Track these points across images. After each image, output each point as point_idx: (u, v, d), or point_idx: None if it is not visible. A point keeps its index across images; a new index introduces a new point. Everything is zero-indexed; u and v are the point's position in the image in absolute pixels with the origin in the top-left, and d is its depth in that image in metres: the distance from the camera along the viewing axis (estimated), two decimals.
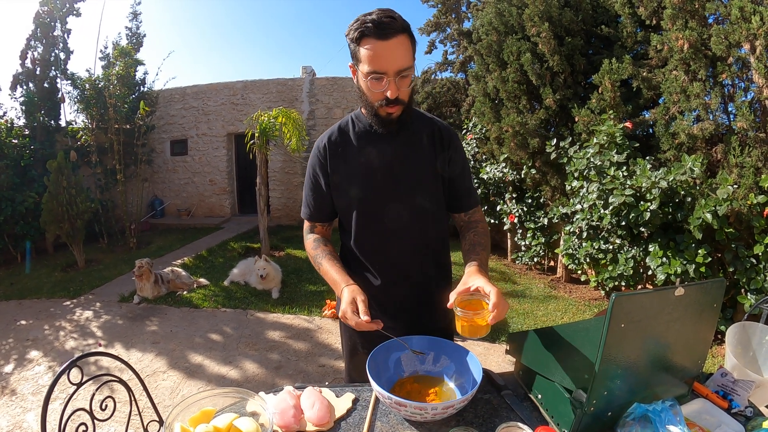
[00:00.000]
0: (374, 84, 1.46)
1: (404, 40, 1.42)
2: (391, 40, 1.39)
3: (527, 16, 6.11)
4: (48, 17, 9.10)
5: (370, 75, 1.44)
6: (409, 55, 1.45)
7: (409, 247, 1.68)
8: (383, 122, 1.57)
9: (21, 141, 8.42)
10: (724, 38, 4.28)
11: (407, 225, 1.65)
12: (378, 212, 1.64)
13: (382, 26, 1.38)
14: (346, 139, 1.67)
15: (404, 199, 1.63)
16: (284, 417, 1.26)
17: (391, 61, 1.41)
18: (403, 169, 1.62)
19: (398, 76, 1.44)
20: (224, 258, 8.08)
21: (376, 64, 1.41)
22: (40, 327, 5.03)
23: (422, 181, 1.64)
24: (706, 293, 1.23)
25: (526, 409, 1.34)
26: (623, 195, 4.51)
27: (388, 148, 1.62)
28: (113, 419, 1.69)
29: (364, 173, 1.63)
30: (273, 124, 7.41)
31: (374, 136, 1.63)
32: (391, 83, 1.44)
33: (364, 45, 1.41)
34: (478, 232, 1.71)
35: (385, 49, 1.39)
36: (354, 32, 1.42)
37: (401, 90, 1.48)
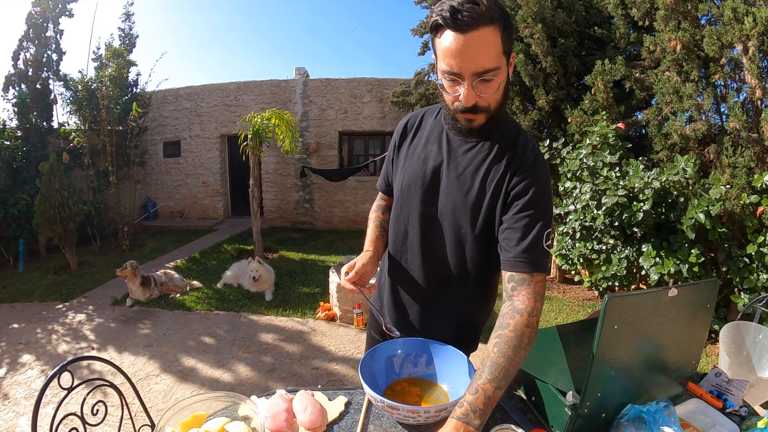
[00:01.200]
0: (449, 86, 1.23)
1: (489, 34, 1.13)
2: (470, 34, 1.12)
3: (520, 17, 6.12)
4: (40, 18, 9.04)
5: (445, 75, 1.21)
6: (495, 53, 1.16)
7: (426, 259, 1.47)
8: (461, 130, 1.33)
9: (13, 143, 8.36)
10: (717, 39, 4.31)
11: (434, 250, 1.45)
12: (413, 211, 1.45)
13: (459, 15, 1.10)
14: (422, 127, 1.49)
15: (440, 216, 1.40)
16: (276, 421, 1.24)
17: (467, 60, 1.14)
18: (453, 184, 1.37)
19: (478, 78, 1.17)
20: (217, 260, 8.05)
21: (451, 61, 1.16)
22: (33, 330, 4.99)
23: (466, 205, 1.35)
24: (700, 294, 1.23)
25: (519, 412, 1.34)
26: (616, 195, 4.52)
27: (450, 155, 1.38)
28: (105, 423, 1.67)
29: (417, 170, 1.42)
30: (266, 125, 7.39)
31: (445, 138, 1.41)
32: (468, 87, 1.18)
33: (440, 36, 1.17)
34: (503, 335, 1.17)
35: (461, 44, 1.13)
36: (432, 20, 1.17)
37: (482, 97, 1.21)
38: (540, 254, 1.24)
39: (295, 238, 10.16)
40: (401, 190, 1.47)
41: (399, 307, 1.59)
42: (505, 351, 1.14)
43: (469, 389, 1.12)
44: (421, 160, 1.42)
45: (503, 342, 1.15)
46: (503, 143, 1.33)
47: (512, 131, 1.36)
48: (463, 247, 1.39)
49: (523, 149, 1.32)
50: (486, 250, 1.38)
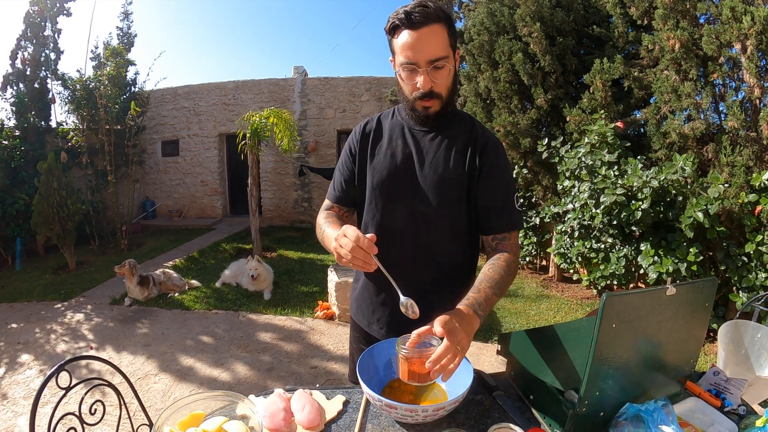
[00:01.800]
0: (408, 76, 1.42)
1: (438, 29, 1.37)
2: (422, 29, 1.35)
3: (519, 16, 6.12)
4: (38, 17, 9.02)
5: (402, 66, 1.41)
6: (443, 44, 1.39)
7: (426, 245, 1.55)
8: (419, 118, 1.52)
9: (11, 142, 8.35)
10: (715, 38, 4.31)
11: (422, 233, 1.54)
12: (393, 213, 1.56)
13: (412, 16, 1.34)
14: (381, 130, 1.63)
15: (422, 202, 1.52)
16: (274, 420, 1.24)
17: (421, 50, 1.36)
18: (429, 172, 1.52)
19: (431, 66, 1.38)
20: (216, 259, 8.05)
21: (407, 54, 1.38)
22: (31, 330, 4.99)
23: (446, 187, 1.51)
24: (698, 292, 1.22)
25: (518, 410, 1.33)
26: (615, 194, 4.53)
27: (418, 146, 1.55)
28: (103, 422, 1.67)
29: (387, 168, 1.55)
30: (264, 124, 7.38)
31: (408, 132, 1.58)
32: (424, 74, 1.39)
33: (397, 36, 1.39)
34: (495, 264, 1.46)
35: (415, 39, 1.35)
36: (389, 24, 1.40)
37: (436, 82, 1.42)
38: (516, 215, 1.55)
39: (293, 237, 10.15)
40: (374, 188, 1.58)
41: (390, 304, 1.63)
42: (499, 270, 1.42)
43: (471, 290, 1.35)
44: (388, 156, 1.56)
45: (497, 265, 1.44)
46: (461, 128, 1.57)
47: (466, 119, 1.61)
48: (445, 225, 1.54)
49: (482, 132, 1.58)
50: (463, 228, 1.57)
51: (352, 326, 1.84)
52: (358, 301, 1.76)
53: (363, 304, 1.73)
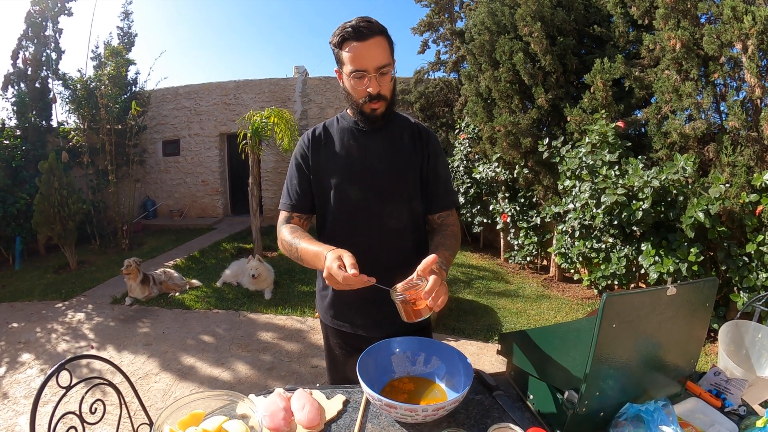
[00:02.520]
0: (357, 82, 1.56)
1: (381, 41, 1.53)
2: (369, 41, 1.50)
3: (519, 15, 6.12)
4: (39, 17, 9.03)
5: (352, 74, 1.54)
6: (387, 53, 1.55)
7: (386, 243, 1.70)
8: (368, 119, 1.65)
9: (12, 142, 8.36)
10: (716, 38, 4.30)
11: (385, 220, 1.68)
12: (355, 206, 1.68)
13: (359, 29, 1.49)
14: (330, 134, 1.75)
15: (382, 192, 1.68)
16: (274, 419, 1.24)
17: (370, 59, 1.51)
18: (384, 164, 1.68)
19: (378, 72, 1.53)
20: (216, 259, 8.05)
21: (357, 63, 1.52)
22: (32, 329, 4.99)
23: (402, 177, 1.70)
24: (699, 292, 1.22)
25: (518, 410, 1.33)
26: (615, 194, 4.52)
27: (369, 144, 1.70)
28: (104, 422, 1.67)
29: (344, 165, 1.69)
30: (265, 124, 7.38)
31: (357, 132, 1.71)
32: (372, 79, 1.54)
33: (345, 48, 1.53)
34: (445, 234, 1.71)
35: (363, 49, 1.50)
36: (336, 38, 1.54)
37: (382, 86, 1.57)
38: (454, 195, 1.84)
39: None
40: (335, 187, 1.69)
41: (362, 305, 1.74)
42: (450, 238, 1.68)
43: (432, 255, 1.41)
44: (343, 156, 1.70)
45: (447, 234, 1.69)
46: (403, 125, 1.76)
47: (404, 118, 1.80)
48: (404, 210, 1.72)
49: (421, 126, 1.80)
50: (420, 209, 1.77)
51: (330, 333, 1.87)
52: (335, 306, 1.81)
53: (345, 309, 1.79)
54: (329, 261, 1.34)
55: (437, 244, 1.64)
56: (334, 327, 1.82)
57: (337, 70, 1.63)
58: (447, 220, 1.78)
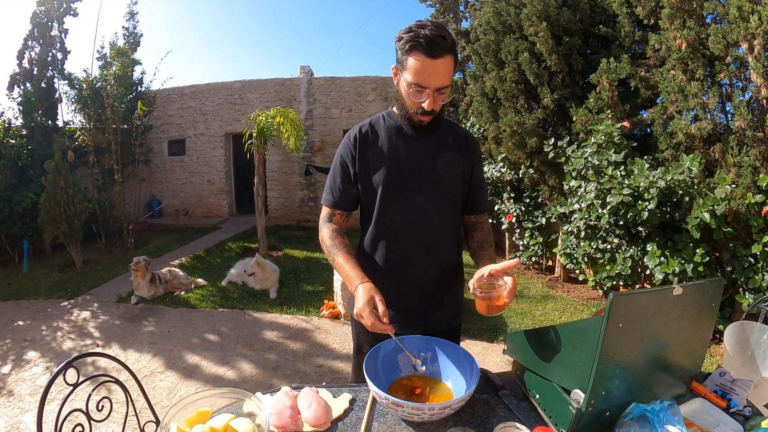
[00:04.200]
0: (414, 95, 1.52)
1: (449, 61, 1.48)
2: (438, 60, 1.45)
3: (525, 15, 6.11)
4: (45, 17, 9.07)
5: (412, 86, 1.50)
6: (451, 74, 1.51)
7: (428, 242, 1.72)
8: (414, 126, 1.65)
9: (18, 141, 8.39)
10: (722, 38, 4.28)
11: (428, 219, 1.70)
12: (401, 200, 1.69)
13: (432, 44, 1.43)
14: (377, 132, 1.74)
15: (428, 193, 1.68)
16: (281, 417, 1.25)
17: (434, 78, 1.47)
18: (431, 163, 1.68)
19: (437, 92, 1.51)
20: (222, 258, 8.07)
21: (420, 78, 1.48)
22: (38, 327, 5.02)
23: (448, 176, 1.70)
24: (704, 293, 1.22)
25: (523, 409, 1.34)
26: (621, 194, 4.51)
27: (416, 144, 1.69)
28: (110, 419, 1.68)
29: (392, 162, 1.68)
30: (271, 123, 7.41)
31: (403, 133, 1.70)
32: (430, 97, 1.50)
33: (413, 56, 1.47)
34: (484, 231, 1.81)
35: (431, 67, 1.45)
36: (405, 43, 1.47)
37: (437, 104, 1.55)
38: (487, 198, 1.92)
39: (299, 236, 10.17)
40: (379, 187, 1.69)
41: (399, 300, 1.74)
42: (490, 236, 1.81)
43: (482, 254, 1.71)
44: (392, 153, 1.69)
45: (486, 231, 1.83)
46: (447, 129, 1.76)
47: (451, 123, 1.80)
48: (448, 210, 1.74)
49: (465, 131, 1.81)
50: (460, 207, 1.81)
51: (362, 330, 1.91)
52: None
53: None
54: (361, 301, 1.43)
55: (480, 240, 1.77)
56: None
57: (395, 68, 1.59)
58: (481, 218, 1.86)
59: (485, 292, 1.41)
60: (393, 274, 1.72)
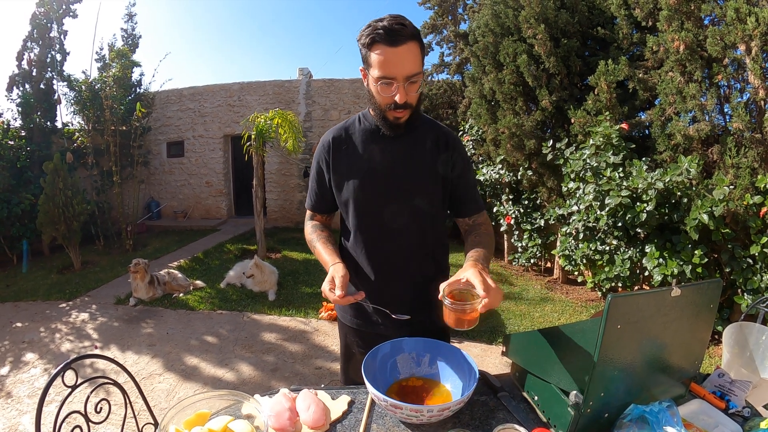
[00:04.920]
0: (384, 89, 1.48)
1: (413, 47, 1.45)
2: (400, 47, 1.41)
3: (523, 17, 6.11)
4: (44, 18, 9.07)
5: (380, 80, 1.46)
6: (418, 61, 1.47)
7: (406, 246, 1.68)
8: (391, 125, 1.59)
9: (17, 142, 8.40)
10: (720, 39, 4.29)
11: (404, 224, 1.65)
12: (376, 210, 1.65)
13: (392, 33, 1.40)
14: (351, 137, 1.70)
15: (403, 198, 1.64)
16: (279, 419, 1.25)
17: (400, 67, 1.43)
18: (404, 170, 1.64)
19: (407, 81, 1.46)
20: (220, 260, 8.06)
21: (385, 69, 1.44)
22: (36, 329, 5.01)
23: (422, 182, 1.65)
24: (703, 294, 1.22)
25: (522, 411, 1.34)
26: (619, 196, 4.52)
27: (391, 148, 1.65)
28: (108, 422, 1.68)
29: (366, 170, 1.65)
30: (269, 125, 7.40)
31: (379, 135, 1.65)
32: (400, 88, 1.46)
33: (375, 51, 1.44)
34: (479, 233, 1.70)
35: (394, 56, 1.42)
36: (365, 38, 1.44)
37: (410, 95, 1.50)
38: (480, 198, 1.80)
39: (298, 238, 10.14)
40: (356, 191, 1.66)
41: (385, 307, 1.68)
42: (485, 236, 1.68)
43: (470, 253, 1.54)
44: (366, 160, 1.66)
45: (482, 233, 1.70)
46: (427, 129, 1.70)
47: (428, 121, 1.73)
48: (425, 215, 1.68)
49: (446, 130, 1.73)
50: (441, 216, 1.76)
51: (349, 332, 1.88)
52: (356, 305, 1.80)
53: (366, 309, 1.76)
54: (324, 283, 1.46)
55: (473, 242, 1.63)
56: (353, 327, 1.82)
57: (363, 69, 1.55)
58: (478, 219, 1.77)
59: (457, 303, 1.28)
60: (375, 279, 1.71)
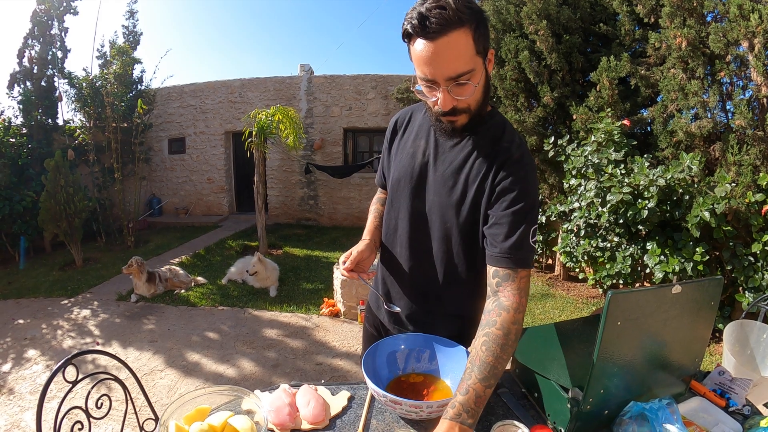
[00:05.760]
0: (428, 91, 1.23)
1: (460, 37, 1.12)
2: (439, 40, 1.11)
3: (525, 13, 6.10)
4: (45, 16, 9.06)
5: (421, 82, 1.21)
6: (467, 55, 1.15)
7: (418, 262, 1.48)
8: (444, 130, 1.35)
9: (18, 140, 8.40)
10: (723, 36, 4.28)
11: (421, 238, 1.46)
12: (400, 206, 1.49)
13: (426, 21, 1.10)
14: (411, 124, 1.52)
15: (429, 209, 1.42)
16: (279, 415, 1.25)
17: (438, 66, 1.14)
18: (438, 176, 1.39)
19: (453, 83, 1.17)
20: (222, 256, 8.07)
21: (423, 68, 1.17)
22: (38, 326, 5.02)
23: (451, 199, 1.36)
24: (704, 291, 1.22)
25: (522, 408, 1.33)
26: (621, 193, 4.51)
27: (437, 149, 1.41)
28: (109, 417, 1.68)
29: (406, 164, 1.46)
30: (271, 122, 7.40)
31: (433, 132, 1.42)
32: (444, 93, 1.19)
33: (412, 44, 1.17)
34: (489, 338, 1.17)
35: (432, 53, 1.13)
36: (403, 29, 1.18)
37: (459, 99, 1.21)
38: (526, 250, 1.26)
39: (299, 235, 10.16)
40: (392, 184, 1.52)
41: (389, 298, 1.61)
42: (494, 349, 1.14)
43: (460, 389, 1.12)
44: (409, 155, 1.46)
45: (491, 340, 1.16)
46: (488, 139, 1.34)
47: (498, 127, 1.36)
48: (449, 242, 1.40)
49: (509, 144, 1.32)
50: (473, 246, 1.39)
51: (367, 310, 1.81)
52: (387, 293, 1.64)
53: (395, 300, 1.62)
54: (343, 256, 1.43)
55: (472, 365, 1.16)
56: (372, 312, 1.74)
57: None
58: (504, 286, 1.25)
59: None
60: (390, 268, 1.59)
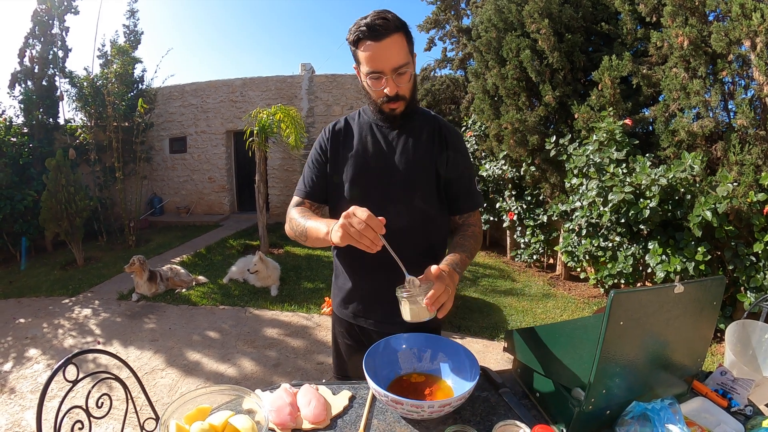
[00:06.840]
0: (374, 83, 1.52)
1: (398, 39, 1.48)
2: (384, 41, 1.45)
3: (527, 12, 6.09)
4: (46, 15, 9.06)
5: (369, 75, 1.51)
6: (404, 52, 1.50)
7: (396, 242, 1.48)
8: (387, 118, 1.64)
9: (20, 139, 8.41)
10: (725, 35, 4.27)
11: (399, 219, 1.57)
12: (368, 201, 1.50)
13: (375, 28, 1.44)
14: (350, 129, 1.74)
15: (398, 192, 1.63)
16: (280, 415, 1.25)
17: (385, 60, 1.47)
18: (399, 162, 1.64)
19: (395, 73, 1.50)
20: (223, 256, 8.08)
21: (372, 64, 1.48)
22: (39, 325, 5.02)
23: (416, 175, 1.64)
24: (706, 291, 1.22)
25: (524, 408, 1.33)
26: (623, 192, 4.50)
27: (387, 141, 1.67)
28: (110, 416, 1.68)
29: (360, 162, 1.66)
30: (272, 121, 7.40)
31: (376, 128, 1.69)
32: (389, 81, 1.50)
33: (361, 47, 1.48)
34: (465, 234, 1.69)
35: (379, 50, 1.46)
36: (352, 36, 1.49)
37: (400, 86, 1.53)
38: (478, 196, 1.77)
39: None
40: (350, 180, 1.67)
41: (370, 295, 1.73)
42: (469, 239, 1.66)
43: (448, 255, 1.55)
44: (360, 153, 1.67)
45: (466, 235, 1.68)
46: (424, 122, 1.71)
47: (427, 114, 1.74)
48: (417, 211, 1.64)
49: (443, 123, 1.73)
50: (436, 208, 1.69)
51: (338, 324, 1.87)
52: (351, 299, 1.78)
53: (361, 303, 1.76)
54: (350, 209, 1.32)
55: (454, 244, 1.64)
56: (346, 319, 1.81)
57: (356, 67, 1.60)
58: (468, 220, 1.74)
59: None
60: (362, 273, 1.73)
